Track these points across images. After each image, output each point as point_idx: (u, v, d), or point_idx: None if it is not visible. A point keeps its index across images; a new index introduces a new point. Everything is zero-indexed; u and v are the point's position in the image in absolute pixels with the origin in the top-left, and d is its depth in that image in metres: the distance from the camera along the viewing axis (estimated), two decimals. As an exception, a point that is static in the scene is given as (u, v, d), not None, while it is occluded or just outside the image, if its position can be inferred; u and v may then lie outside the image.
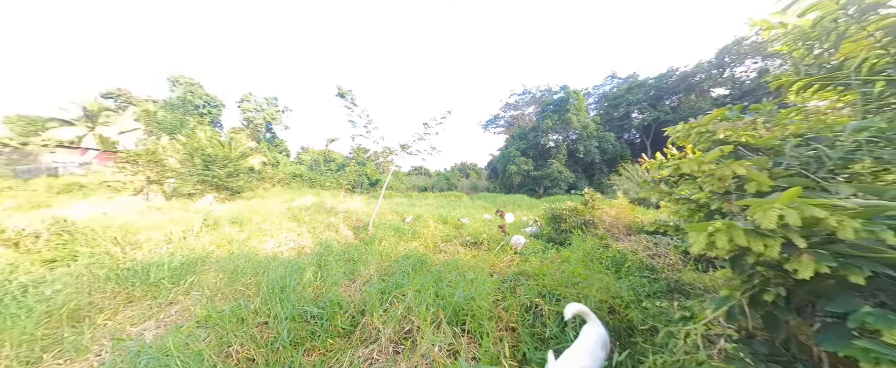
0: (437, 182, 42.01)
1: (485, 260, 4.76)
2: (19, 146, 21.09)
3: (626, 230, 5.35)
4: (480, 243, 6.22)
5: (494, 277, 3.83)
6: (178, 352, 2.61)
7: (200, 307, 3.74)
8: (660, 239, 4.50)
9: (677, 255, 4.03)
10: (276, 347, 2.78)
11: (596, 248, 4.39)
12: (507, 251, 5.42)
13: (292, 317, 3.16)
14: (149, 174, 17.10)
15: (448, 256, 5.75)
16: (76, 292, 3.98)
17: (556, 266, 4.07)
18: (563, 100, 35.43)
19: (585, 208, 6.28)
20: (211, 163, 20.91)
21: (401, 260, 5.25)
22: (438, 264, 4.89)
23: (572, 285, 3.25)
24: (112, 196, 15.61)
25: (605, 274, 3.53)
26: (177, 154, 20.54)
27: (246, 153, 32.31)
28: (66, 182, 19.41)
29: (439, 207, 16.76)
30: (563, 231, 6.07)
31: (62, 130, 23.36)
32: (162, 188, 18.15)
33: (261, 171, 33.69)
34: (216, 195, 20.23)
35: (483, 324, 2.81)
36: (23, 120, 22.11)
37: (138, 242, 6.12)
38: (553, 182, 32.09)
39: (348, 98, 7.84)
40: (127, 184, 16.30)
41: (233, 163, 22.06)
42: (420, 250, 6.70)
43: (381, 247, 7.08)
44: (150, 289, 4.36)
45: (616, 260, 4.01)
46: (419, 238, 7.98)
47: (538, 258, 4.66)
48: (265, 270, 4.80)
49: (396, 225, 9.29)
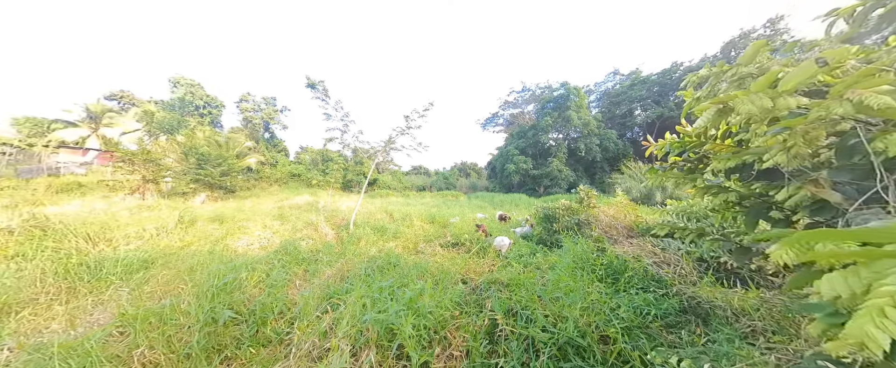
0: (436, 181, 41.51)
1: (461, 263, 4.04)
2: (24, 147, 21.76)
3: (626, 232, 4.59)
4: (461, 244, 5.48)
5: (463, 286, 3.09)
6: (66, 354, 2.33)
7: (124, 304, 3.48)
8: (668, 243, 3.73)
9: (690, 263, 3.26)
10: (188, 353, 2.44)
11: (589, 252, 3.63)
12: (487, 253, 4.68)
13: (208, 322, 2.70)
14: (144, 173, 17.31)
15: (425, 258, 5.06)
16: (15, 288, 3.72)
17: (540, 273, 3.33)
18: (563, 97, 34.57)
19: (580, 206, 5.52)
20: (205, 163, 20.85)
21: (369, 262, 4.58)
22: (409, 266, 4.20)
23: (552, 300, 2.50)
24: (108, 195, 15.78)
25: (596, 287, 2.79)
26: (173, 153, 20.78)
27: (243, 152, 32.41)
28: (66, 181, 19.93)
29: (433, 206, 16.27)
30: (555, 232, 5.32)
31: (66, 131, 24.01)
32: (158, 187, 18.17)
33: (259, 171, 33.78)
34: (209, 194, 20.08)
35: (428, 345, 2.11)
36: (30, 121, 22.91)
37: (113, 239, 6.13)
38: (553, 181, 31.28)
39: (320, 88, 7.04)
40: (123, 183, 16.31)
41: (227, 162, 21.97)
42: (397, 250, 6.02)
43: (356, 247, 6.47)
44: (97, 285, 4.12)
45: (613, 269, 3.26)
46: (400, 237, 7.31)
47: (522, 263, 3.91)
48: (210, 267, 4.23)
49: (380, 225, 8.70)
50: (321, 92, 7.12)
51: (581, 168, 34.09)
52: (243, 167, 29.13)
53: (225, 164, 20.70)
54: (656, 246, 3.79)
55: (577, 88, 34.66)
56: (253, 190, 26.58)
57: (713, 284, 2.83)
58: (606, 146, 33.27)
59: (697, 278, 3.09)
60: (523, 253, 4.46)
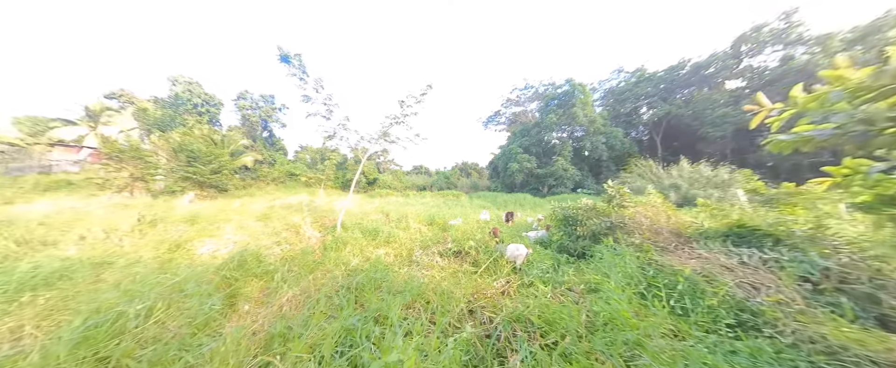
0: (437, 181, 40.76)
1: (466, 283, 3.06)
2: (22, 145, 21.93)
3: (674, 238, 3.63)
4: (466, 253, 4.52)
5: (468, 331, 2.09)
6: None
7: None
8: (746, 252, 2.77)
9: (791, 283, 2.31)
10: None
11: (638, 268, 2.69)
12: (500, 267, 3.73)
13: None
14: (133, 171, 16.83)
15: (420, 270, 4.11)
16: None
17: (577, 298, 2.39)
18: (568, 93, 33.58)
19: (610, 207, 4.57)
20: (194, 160, 20.19)
21: (347, 277, 3.63)
22: (398, 284, 3.26)
23: (613, 351, 1.56)
24: (96, 193, 14.89)
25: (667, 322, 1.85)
26: (163, 150, 20.33)
27: (239, 151, 31.81)
28: (55, 179, 19.82)
29: (434, 206, 15.40)
30: (579, 237, 4.36)
31: (65, 130, 24.17)
32: (147, 185, 17.59)
33: (257, 170, 33.12)
34: (199, 192, 19.34)
35: None
36: (30, 120, 23.04)
37: (58, 242, 5.65)
38: (558, 180, 30.29)
39: (295, 63, 5.94)
40: (110, 180, 15.44)
41: (217, 159, 21.32)
42: (388, 259, 5.07)
43: (341, 253, 5.52)
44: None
45: (678, 291, 2.32)
46: (394, 242, 6.35)
47: (547, 282, 2.95)
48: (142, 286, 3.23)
49: (373, 227, 7.77)
50: (297, 68, 6.03)
51: (586, 167, 33.12)
52: (238, 165, 28.47)
53: (216, 162, 19.91)
54: (727, 257, 2.83)
55: (582, 85, 33.69)
56: (248, 190, 26.07)
57: (834, 317, 1.88)
58: (612, 144, 32.27)
59: (808, 306, 2.14)
60: (545, 265, 3.50)
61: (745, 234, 3.12)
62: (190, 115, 32.51)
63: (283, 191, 25.89)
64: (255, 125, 39.68)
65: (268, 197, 19.42)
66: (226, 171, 21.00)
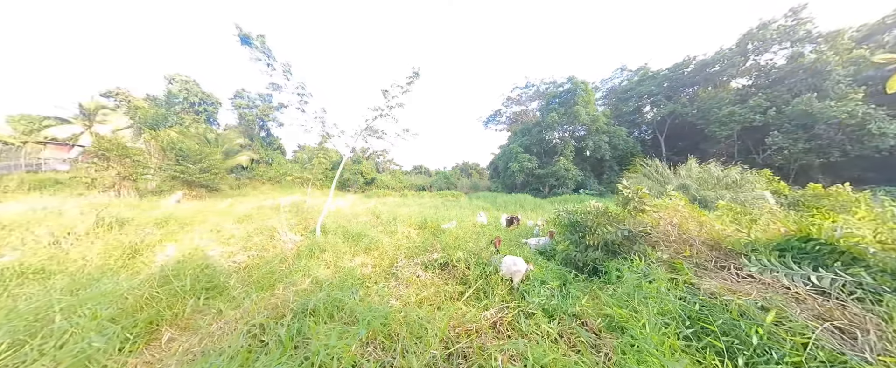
0: (437, 181, 40.16)
1: (444, 316, 2.32)
2: (15, 143, 21.63)
3: (708, 250, 2.92)
4: (454, 266, 3.80)
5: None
6: None
7: None
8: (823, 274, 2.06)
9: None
10: None
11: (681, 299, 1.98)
12: (493, 286, 3.02)
13: None
14: (120, 169, 16.52)
15: (397, 286, 3.42)
16: None
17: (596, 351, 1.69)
18: (569, 91, 32.83)
19: (625, 212, 3.84)
20: (183, 159, 19.75)
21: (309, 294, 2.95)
22: (364, 307, 2.57)
23: None
24: (83, 192, 14.54)
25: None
26: (153, 149, 20.08)
27: (234, 150, 31.32)
28: (42, 177, 19.27)
29: (430, 207, 14.71)
30: (588, 247, 3.66)
31: (59, 128, 23.82)
32: (136, 184, 17.22)
33: (253, 169, 32.62)
34: (188, 192, 18.81)
35: None
36: (25, 119, 22.77)
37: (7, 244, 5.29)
38: (559, 180, 29.56)
39: (257, 45, 5.09)
40: (96, 179, 15.06)
41: (208, 158, 20.88)
42: (364, 271, 4.37)
43: (316, 261, 4.84)
44: None
45: (741, 338, 1.62)
46: (376, 249, 5.66)
47: (552, 312, 2.23)
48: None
49: (357, 231, 7.10)
50: (261, 50, 5.19)
51: (588, 167, 32.40)
52: (232, 165, 27.97)
53: (206, 161, 19.32)
54: (794, 282, 2.13)
55: (584, 83, 32.95)
56: (242, 189, 25.56)
57: None
58: (615, 144, 31.52)
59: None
60: (549, 286, 2.76)
61: (809, 249, 2.42)
62: (186, 114, 32.17)
63: (279, 191, 25.38)
64: (252, 124, 39.21)
65: (261, 196, 18.92)
66: (217, 170, 20.47)
